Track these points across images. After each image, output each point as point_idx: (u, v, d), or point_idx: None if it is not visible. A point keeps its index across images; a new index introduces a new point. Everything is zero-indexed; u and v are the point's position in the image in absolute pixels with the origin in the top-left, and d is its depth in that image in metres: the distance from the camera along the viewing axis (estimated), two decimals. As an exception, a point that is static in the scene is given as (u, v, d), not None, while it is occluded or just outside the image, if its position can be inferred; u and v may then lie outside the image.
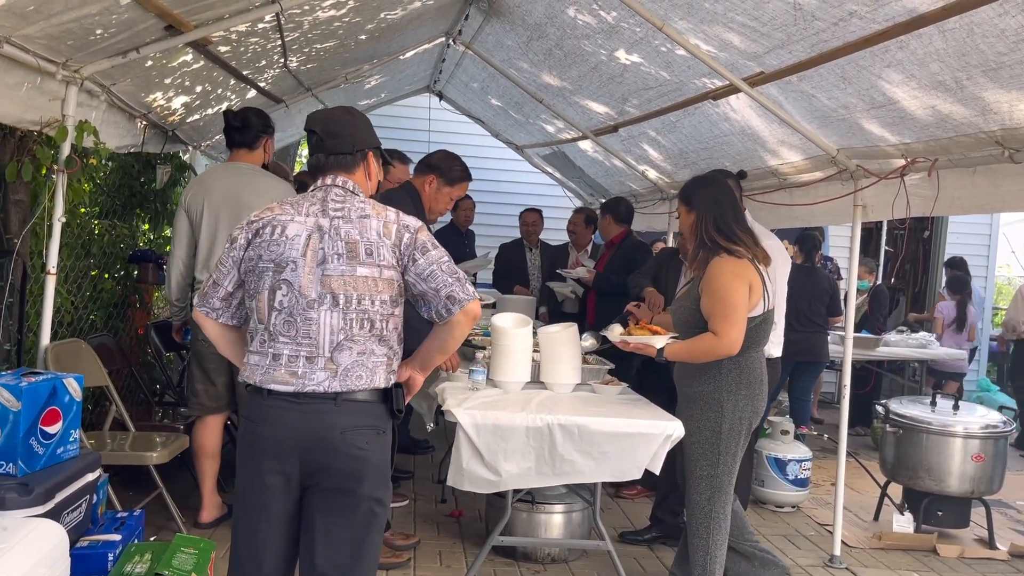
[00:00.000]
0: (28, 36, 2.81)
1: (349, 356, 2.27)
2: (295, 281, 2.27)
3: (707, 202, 3.22)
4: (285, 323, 2.28)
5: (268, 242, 2.30)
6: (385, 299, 2.30)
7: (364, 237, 2.28)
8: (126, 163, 5.12)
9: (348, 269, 2.27)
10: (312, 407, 2.26)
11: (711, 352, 3.13)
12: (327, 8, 3.93)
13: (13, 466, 2.64)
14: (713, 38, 3.62)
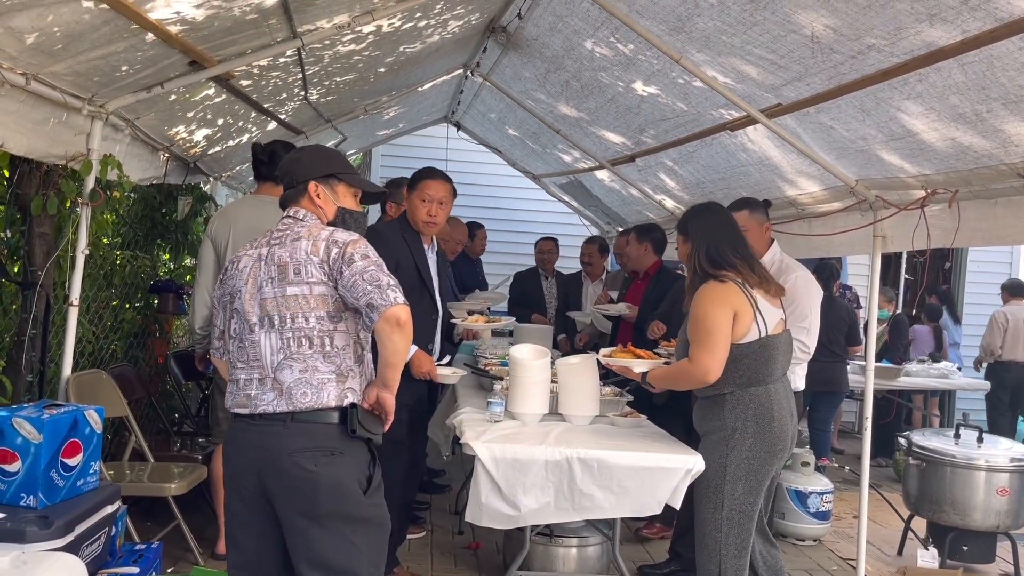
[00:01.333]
0: (55, 73, 2.86)
1: (291, 374, 2.34)
2: (241, 308, 2.42)
3: (701, 231, 3.19)
4: (239, 349, 2.43)
5: (228, 276, 2.51)
6: (322, 315, 2.36)
7: (293, 258, 2.37)
8: (148, 194, 5.19)
9: (279, 291, 2.37)
10: (265, 428, 2.35)
11: (685, 378, 3.10)
12: (347, 43, 3.99)
13: (34, 499, 2.65)
14: (730, 70, 3.63)
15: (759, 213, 3.87)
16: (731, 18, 3.15)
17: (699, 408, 3.23)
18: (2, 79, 2.59)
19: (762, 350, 3.07)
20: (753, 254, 3.26)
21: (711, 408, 3.14)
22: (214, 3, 2.79)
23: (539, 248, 6.79)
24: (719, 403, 3.10)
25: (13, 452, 2.64)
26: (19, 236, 3.54)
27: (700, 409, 3.22)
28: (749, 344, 3.05)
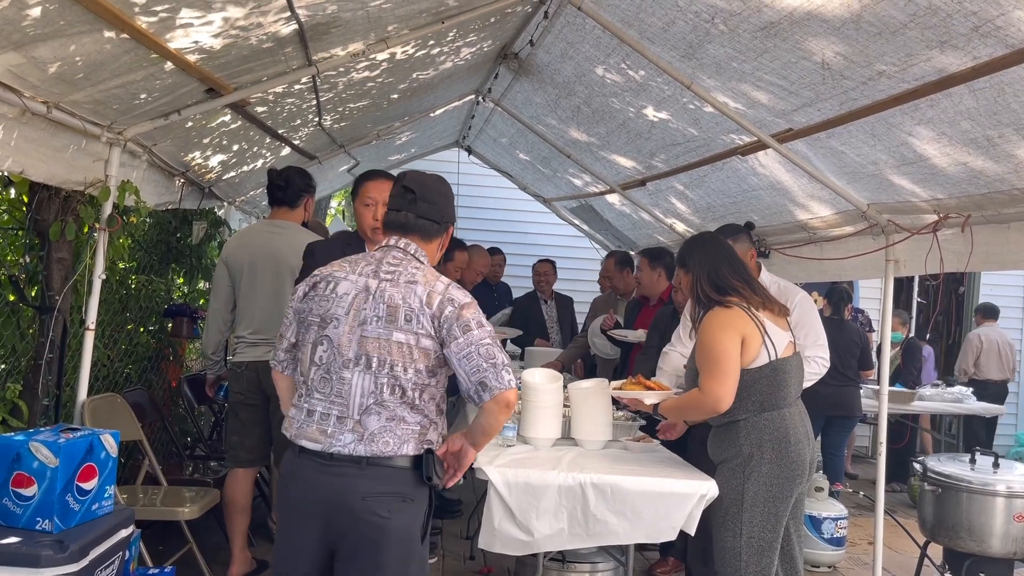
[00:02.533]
0: (76, 101, 2.91)
1: (377, 421, 2.26)
2: (335, 338, 2.30)
3: (699, 260, 3.20)
4: (322, 379, 2.31)
5: (320, 296, 2.37)
6: (420, 368, 2.28)
7: (406, 303, 2.28)
8: (163, 219, 5.24)
9: (385, 333, 2.27)
10: (338, 469, 2.26)
11: (697, 407, 3.07)
12: (361, 70, 4.04)
13: (49, 523, 2.66)
14: (741, 96, 3.66)
15: (743, 241, 3.87)
16: (742, 45, 3.17)
17: (714, 436, 3.22)
18: (24, 108, 2.63)
19: (773, 374, 3.05)
20: (753, 276, 3.29)
21: (726, 435, 3.12)
22: (232, 32, 2.83)
23: (536, 271, 6.78)
24: (734, 430, 3.09)
25: (30, 476, 2.65)
26: (37, 261, 3.58)
27: (715, 437, 3.20)
28: (760, 368, 3.04)
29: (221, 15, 2.63)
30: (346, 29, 3.30)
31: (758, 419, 3.05)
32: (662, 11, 3.29)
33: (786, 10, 2.78)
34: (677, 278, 3.40)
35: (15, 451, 2.65)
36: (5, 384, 3.44)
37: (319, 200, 9.26)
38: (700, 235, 3.53)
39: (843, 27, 2.70)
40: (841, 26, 2.70)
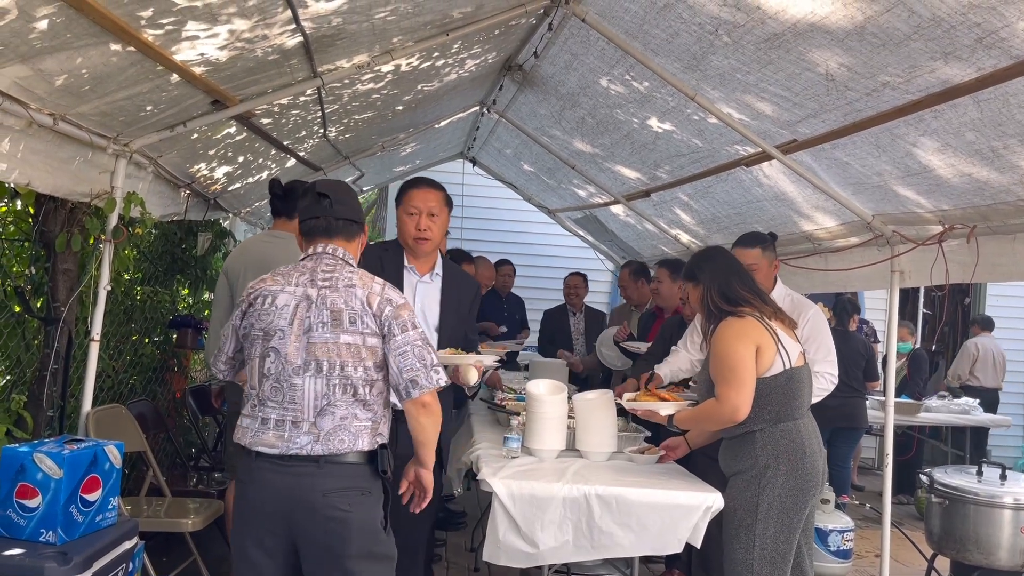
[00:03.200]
0: (82, 113, 2.93)
1: (331, 421, 2.36)
2: (282, 349, 2.39)
3: (709, 273, 3.20)
4: (272, 389, 2.40)
5: (260, 311, 2.44)
6: (368, 365, 2.40)
7: (348, 306, 2.39)
8: (168, 230, 5.26)
9: (332, 337, 2.37)
10: (296, 469, 2.35)
11: (714, 418, 3.05)
12: (366, 81, 4.05)
13: (53, 534, 2.66)
14: (745, 107, 3.66)
15: (770, 251, 3.86)
16: (746, 56, 3.18)
17: (727, 447, 3.20)
18: (30, 120, 2.64)
19: (788, 383, 3.05)
20: (762, 289, 3.29)
21: (741, 447, 3.10)
22: (237, 45, 2.85)
23: (567, 284, 6.81)
24: (749, 441, 3.07)
25: (34, 488, 2.65)
26: (43, 272, 3.58)
27: (729, 448, 3.18)
28: (775, 377, 3.03)
29: (227, 27, 2.65)
30: (351, 41, 3.32)
31: (774, 430, 3.04)
32: (666, 23, 3.30)
33: (789, 22, 2.78)
34: (684, 292, 3.38)
35: (19, 462, 2.66)
36: (10, 395, 3.45)
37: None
38: (707, 249, 3.54)
39: (847, 39, 2.70)
40: (845, 38, 2.70)
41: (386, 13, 3.11)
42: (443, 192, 3.29)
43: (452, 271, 3.40)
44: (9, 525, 2.65)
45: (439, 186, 3.28)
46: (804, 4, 2.65)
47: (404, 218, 3.23)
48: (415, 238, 3.19)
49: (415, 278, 3.25)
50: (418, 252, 3.21)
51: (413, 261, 3.26)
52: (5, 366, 3.56)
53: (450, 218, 3.36)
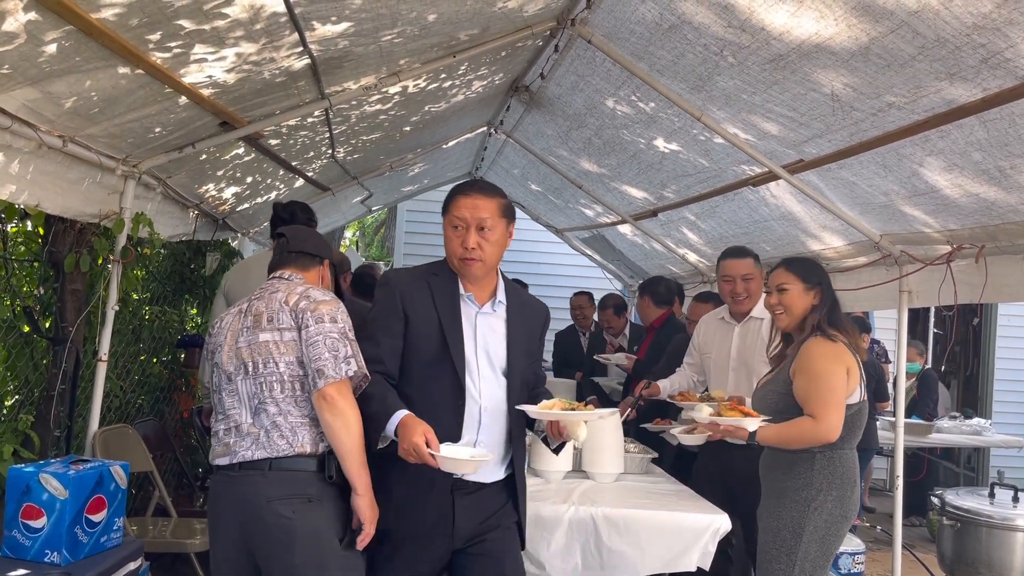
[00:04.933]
0: (91, 135, 2.95)
1: (266, 419, 2.38)
2: (219, 360, 2.50)
3: (828, 286, 3.11)
4: (219, 401, 2.49)
5: (212, 336, 2.59)
6: (291, 360, 2.39)
7: (268, 307, 2.46)
8: (177, 250, 5.28)
9: (252, 337, 2.44)
10: (245, 477, 2.36)
11: (808, 437, 2.92)
12: (374, 103, 4.08)
13: (58, 555, 2.65)
14: (751, 127, 3.66)
15: (759, 263, 3.92)
16: (751, 77, 3.19)
17: (777, 462, 3.09)
18: (40, 142, 2.67)
19: (859, 413, 3.04)
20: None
21: (796, 465, 3.01)
22: (245, 67, 2.87)
23: (572, 303, 6.80)
24: (807, 462, 2.99)
25: (39, 508, 2.65)
26: (52, 293, 3.60)
27: (780, 464, 3.07)
28: (852, 405, 3.00)
29: (234, 50, 2.67)
30: (358, 63, 3.34)
31: (833, 455, 2.98)
32: (671, 44, 3.31)
33: (794, 43, 2.79)
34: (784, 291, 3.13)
35: (25, 483, 2.66)
36: (17, 415, 3.45)
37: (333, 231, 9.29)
38: (815, 261, 3.47)
39: (852, 59, 2.71)
40: (850, 58, 2.71)
41: (393, 35, 3.13)
42: (499, 199, 2.50)
43: (516, 296, 2.63)
44: (14, 546, 2.65)
45: (494, 191, 2.53)
46: (809, 25, 2.66)
47: (448, 232, 2.50)
48: (460, 258, 2.47)
49: (473, 309, 2.51)
50: (467, 275, 2.50)
51: (470, 288, 2.51)
52: (13, 386, 3.57)
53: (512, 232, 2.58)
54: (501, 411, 2.48)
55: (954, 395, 9.01)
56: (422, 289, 2.48)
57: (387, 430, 2.28)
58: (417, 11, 2.95)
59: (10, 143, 2.54)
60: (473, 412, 2.43)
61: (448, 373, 2.41)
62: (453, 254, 2.48)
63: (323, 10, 2.63)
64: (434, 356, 2.42)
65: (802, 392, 2.97)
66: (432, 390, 2.41)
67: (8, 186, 2.63)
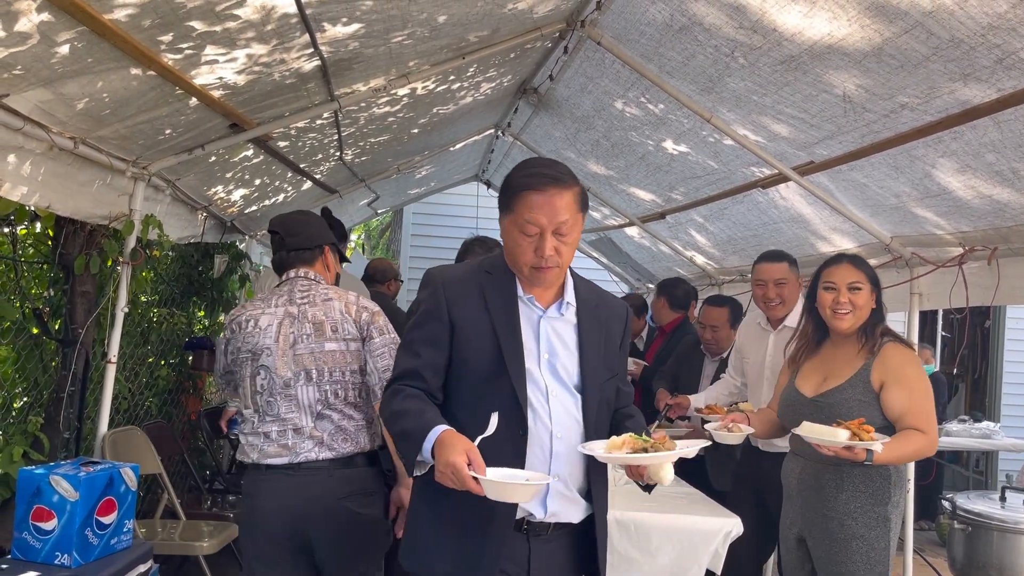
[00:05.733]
0: (102, 137, 2.95)
1: (330, 424, 2.57)
2: (271, 364, 2.59)
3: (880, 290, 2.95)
4: (268, 403, 2.59)
5: (246, 334, 2.64)
6: (355, 369, 2.62)
7: (329, 317, 2.62)
8: (185, 253, 5.28)
9: (317, 346, 2.59)
10: (310, 475, 2.53)
11: (923, 452, 2.75)
12: (382, 105, 4.08)
13: (68, 557, 2.64)
14: (762, 129, 3.65)
15: (795, 267, 3.84)
16: (762, 78, 3.18)
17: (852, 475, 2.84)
18: (52, 143, 2.67)
19: None
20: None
21: (875, 478, 2.83)
22: (255, 69, 2.87)
23: None
24: (886, 475, 2.83)
25: (50, 510, 2.64)
26: (61, 294, 3.61)
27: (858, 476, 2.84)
28: None
29: (245, 52, 2.67)
30: (368, 65, 3.34)
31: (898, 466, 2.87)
32: (681, 46, 3.31)
33: (806, 44, 2.78)
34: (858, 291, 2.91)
35: (35, 484, 2.65)
36: (27, 417, 3.46)
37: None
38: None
39: (864, 60, 2.69)
40: (862, 59, 2.70)
41: (403, 37, 3.13)
42: (575, 187, 2.00)
43: (589, 294, 2.17)
44: (24, 548, 2.64)
45: (568, 177, 2.00)
46: (821, 26, 2.64)
47: (516, 235, 2.00)
48: (535, 267, 2.00)
49: (536, 313, 2.07)
50: (538, 283, 2.05)
51: (530, 289, 2.08)
52: (23, 388, 3.57)
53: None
54: (576, 438, 2.02)
55: (962, 398, 8.97)
56: (472, 291, 2.06)
57: (424, 450, 1.83)
58: (427, 12, 2.95)
59: (22, 144, 2.54)
60: (542, 441, 1.98)
61: (506, 393, 1.97)
62: (524, 263, 2.01)
63: (334, 11, 2.63)
64: (488, 373, 1.99)
65: (902, 404, 2.77)
66: (487, 415, 1.90)
67: (20, 188, 2.63)
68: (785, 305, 3.69)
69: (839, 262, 2.99)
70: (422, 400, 1.97)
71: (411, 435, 1.88)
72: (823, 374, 2.97)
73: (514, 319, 2.04)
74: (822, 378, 2.96)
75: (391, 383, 2.05)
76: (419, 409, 1.92)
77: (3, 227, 3.61)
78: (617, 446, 1.93)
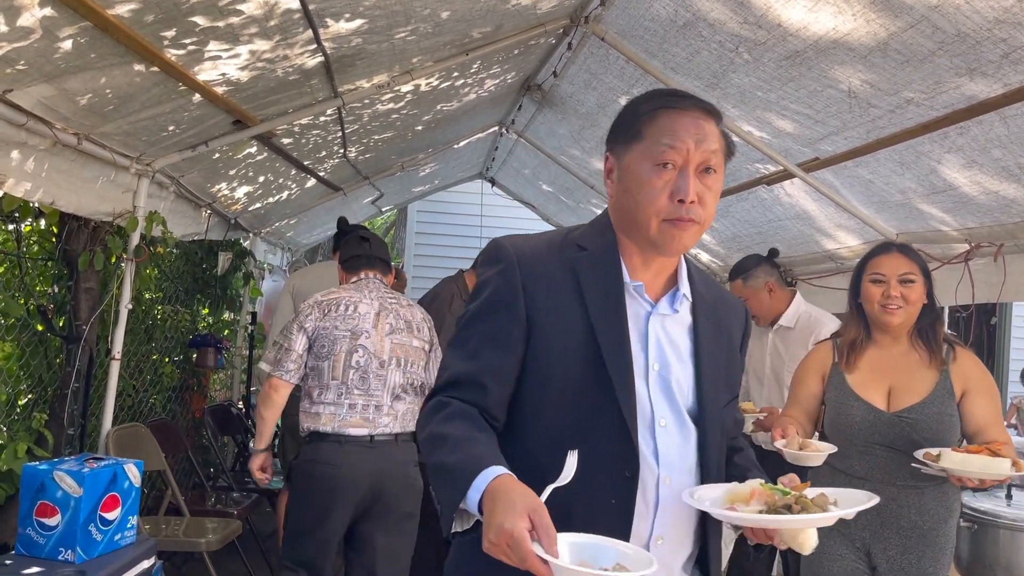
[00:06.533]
0: (106, 133, 2.95)
1: (404, 405, 3.10)
2: (370, 346, 3.06)
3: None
4: (360, 379, 3.03)
5: (344, 316, 3.07)
6: (422, 364, 3.21)
7: (415, 319, 3.20)
8: (189, 250, 5.29)
9: (407, 340, 3.15)
10: (382, 448, 3.02)
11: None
12: (386, 101, 4.07)
13: (72, 553, 2.65)
14: (766, 125, 3.64)
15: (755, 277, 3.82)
16: (767, 74, 3.16)
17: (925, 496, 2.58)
18: (55, 139, 2.67)
19: None
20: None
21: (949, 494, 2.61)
22: (258, 65, 2.87)
23: None
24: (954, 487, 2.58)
25: (53, 506, 2.65)
26: (65, 291, 3.61)
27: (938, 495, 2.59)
28: None
29: (248, 48, 2.67)
30: (371, 61, 3.33)
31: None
32: (686, 41, 3.29)
33: (811, 39, 2.77)
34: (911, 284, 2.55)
35: (40, 480, 2.66)
36: (31, 413, 3.46)
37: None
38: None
39: (870, 55, 2.68)
40: (868, 54, 2.68)
41: (406, 33, 3.12)
42: (722, 127, 1.51)
43: (704, 285, 1.61)
44: (28, 543, 2.65)
45: (717, 113, 1.51)
46: (827, 21, 2.63)
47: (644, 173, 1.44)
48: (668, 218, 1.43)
49: (644, 307, 1.51)
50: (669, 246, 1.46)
51: (639, 272, 1.52)
52: (27, 384, 3.57)
53: None
54: (688, 483, 1.45)
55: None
56: (560, 272, 1.48)
57: (468, 500, 1.25)
58: (431, 8, 2.94)
59: (26, 140, 2.54)
60: (646, 486, 1.41)
61: (607, 418, 1.41)
62: (652, 212, 1.43)
63: (337, 7, 2.62)
64: (579, 388, 1.42)
65: (986, 415, 2.53)
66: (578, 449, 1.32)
67: (24, 184, 2.63)
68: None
69: (887, 251, 2.60)
70: (472, 422, 1.39)
71: (452, 473, 1.30)
72: (886, 383, 2.60)
73: (620, 314, 1.46)
74: (887, 388, 2.59)
75: (435, 392, 1.49)
76: (466, 436, 1.35)
77: (7, 224, 3.61)
78: (744, 498, 1.37)
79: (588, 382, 1.42)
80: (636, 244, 1.50)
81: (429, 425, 1.43)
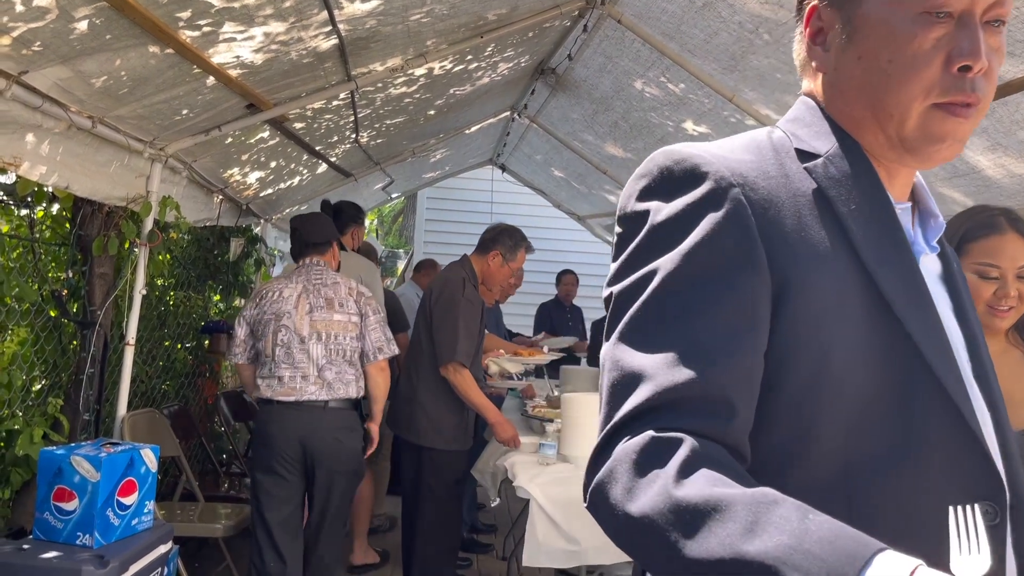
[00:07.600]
0: (120, 116, 2.93)
1: (331, 374, 3.38)
2: (290, 325, 3.38)
3: None
4: (286, 355, 3.36)
5: (270, 301, 3.41)
6: (352, 336, 3.46)
7: (337, 295, 3.45)
8: (201, 236, 5.27)
9: (327, 316, 3.42)
10: (308, 412, 3.35)
11: None
12: (399, 85, 4.04)
13: (90, 537, 2.65)
14: (785, 107, 3.59)
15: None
16: (787, 55, 3.11)
17: None
18: (70, 122, 2.65)
19: None
20: None
21: None
22: (272, 47, 2.84)
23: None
24: None
25: (71, 490, 2.64)
26: (80, 276, 3.60)
27: None
28: None
29: (263, 29, 2.64)
30: (386, 44, 3.30)
31: None
32: (704, 23, 3.25)
33: (834, 18, 2.72)
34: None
35: (57, 465, 2.65)
36: (47, 399, 3.46)
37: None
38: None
39: (894, 35, 2.63)
40: (892, 34, 2.63)
41: (421, 15, 3.09)
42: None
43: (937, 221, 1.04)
44: (47, 528, 2.65)
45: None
46: None
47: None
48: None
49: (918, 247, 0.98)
50: (943, 131, 0.89)
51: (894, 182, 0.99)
52: (41, 370, 3.57)
53: None
54: None
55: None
56: (806, 204, 0.92)
57: None
58: (447, -11, 2.91)
59: (41, 123, 2.52)
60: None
61: (943, 431, 0.88)
62: (924, 86, 0.90)
63: (353, -13, 2.59)
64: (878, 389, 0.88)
65: None
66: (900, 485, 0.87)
67: (39, 167, 2.61)
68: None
69: (1000, 230, 1.80)
70: (738, 475, 0.77)
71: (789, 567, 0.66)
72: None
73: (912, 264, 0.93)
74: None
75: (629, 421, 0.84)
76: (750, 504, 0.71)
77: (21, 209, 3.60)
78: None
79: (893, 373, 0.88)
80: (876, 146, 0.96)
81: (660, 489, 0.76)
